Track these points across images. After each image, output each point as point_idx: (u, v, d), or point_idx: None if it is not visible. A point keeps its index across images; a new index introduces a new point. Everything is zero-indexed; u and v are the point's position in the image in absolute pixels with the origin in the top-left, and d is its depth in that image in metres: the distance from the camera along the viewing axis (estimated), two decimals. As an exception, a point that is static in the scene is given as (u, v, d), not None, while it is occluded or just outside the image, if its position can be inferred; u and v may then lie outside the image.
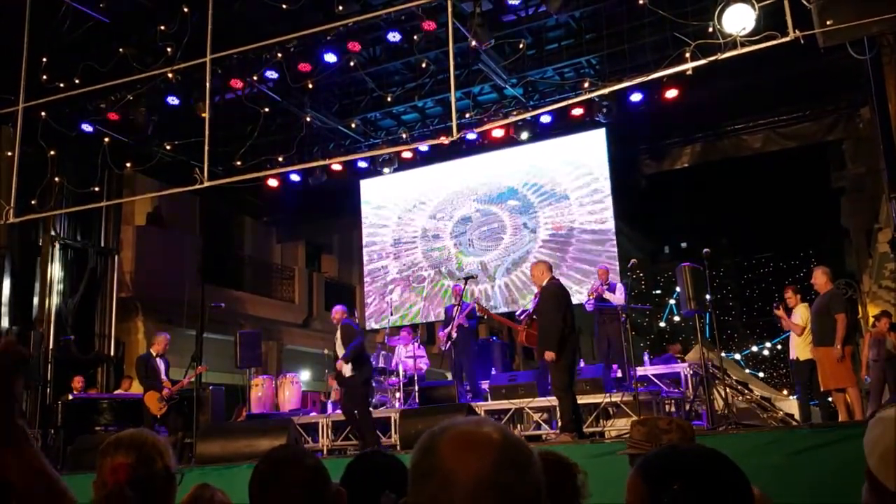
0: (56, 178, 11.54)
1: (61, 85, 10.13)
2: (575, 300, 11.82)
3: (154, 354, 10.08)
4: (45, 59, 10.07)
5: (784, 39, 6.75)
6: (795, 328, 9.16)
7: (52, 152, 11.13)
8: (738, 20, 7.25)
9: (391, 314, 13.07)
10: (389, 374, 11.41)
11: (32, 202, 10.37)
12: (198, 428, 9.32)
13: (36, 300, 12.57)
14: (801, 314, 9.24)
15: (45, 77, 10.06)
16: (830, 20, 7.17)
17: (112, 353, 13.20)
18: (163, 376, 9.91)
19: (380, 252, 14.78)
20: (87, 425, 10.13)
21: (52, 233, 12.67)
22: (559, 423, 7.95)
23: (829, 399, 9.44)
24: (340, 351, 9.28)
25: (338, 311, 9.83)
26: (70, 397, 10.89)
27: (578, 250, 13.00)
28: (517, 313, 10.22)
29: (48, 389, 11.91)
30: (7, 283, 12.45)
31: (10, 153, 10.36)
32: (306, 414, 11.41)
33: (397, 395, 10.89)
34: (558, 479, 2.80)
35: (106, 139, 11.63)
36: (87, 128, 11.72)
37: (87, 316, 13.23)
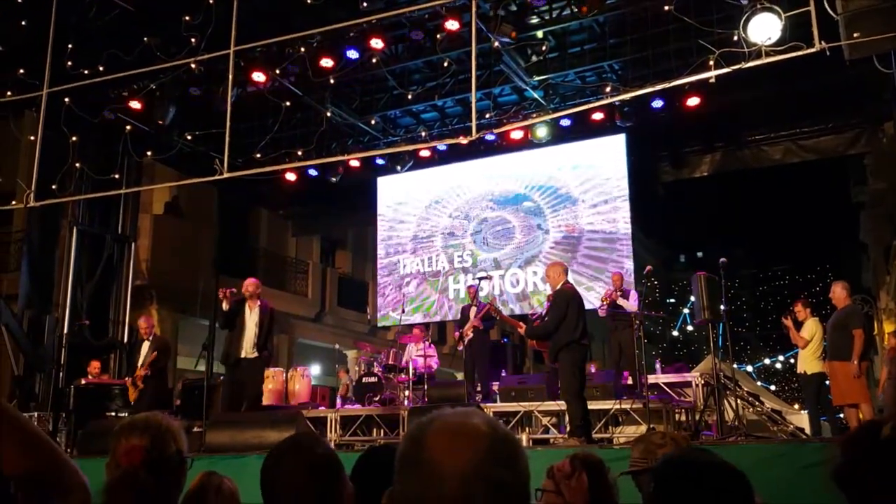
0: (77, 164, 11.63)
1: (85, 72, 10.21)
2: (586, 304, 11.84)
3: (140, 338, 10.14)
4: (70, 46, 10.16)
5: (810, 50, 6.71)
6: (799, 341, 9.13)
7: (73, 138, 11.21)
8: (764, 30, 7.23)
9: (404, 307, 13.07)
10: (399, 371, 11.43)
11: (53, 187, 10.46)
12: (208, 417, 9.36)
13: (53, 284, 12.68)
14: (809, 328, 9.20)
15: (69, 63, 10.15)
16: (857, 33, 7.13)
17: (125, 340, 13.26)
18: (139, 361, 9.86)
19: (395, 248, 14.81)
20: (98, 410, 10.19)
21: (71, 218, 12.76)
22: (567, 428, 7.93)
23: (840, 415, 9.38)
24: (253, 330, 9.00)
25: (256, 283, 9.36)
26: (83, 382, 10.97)
27: (592, 253, 12.97)
28: (531, 315, 10.20)
29: (61, 374, 12.00)
30: (25, 266, 12.56)
31: (32, 137, 10.45)
32: (315, 408, 11.46)
33: (406, 392, 10.91)
34: (598, 477, 2.87)
35: (127, 127, 11.71)
36: (108, 115, 11.79)
37: (102, 302, 13.31)
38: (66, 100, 10.49)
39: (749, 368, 25.95)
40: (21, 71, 10.32)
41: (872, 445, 1.21)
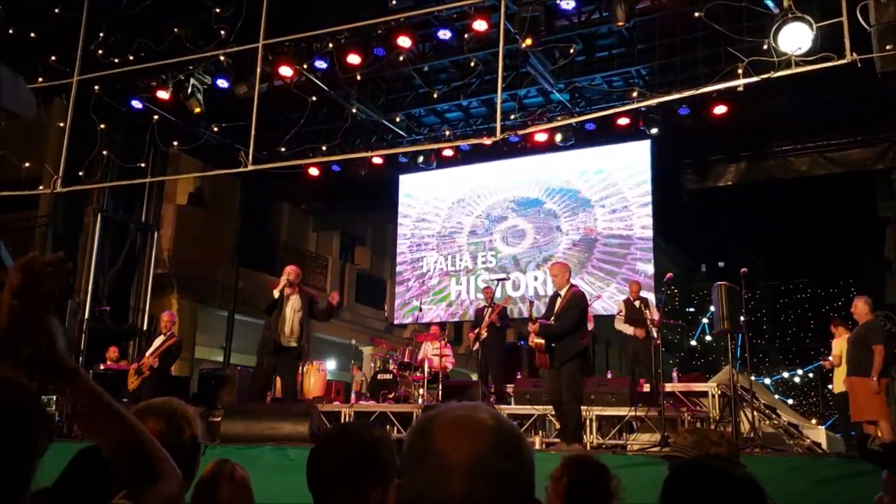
0: (104, 152, 11.75)
1: (116, 60, 10.32)
2: (602, 308, 11.81)
3: (158, 331, 10.28)
4: (101, 34, 10.27)
5: (840, 62, 6.65)
6: (835, 360, 9.19)
7: (101, 126, 11.32)
8: (795, 39, 7.16)
9: (422, 305, 13.07)
10: (414, 369, 11.44)
11: (79, 174, 10.57)
12: (223, 407, 9.43)
13: (75, 270, 12.81)
14: (837, 345, 9.20)
15: (100, 52, 10.26)
16: (890, 45, 7.04)
17: (145, 328, 13.39)
18: (148, 352, 9.93)
19: (416, 245, 14.85)
20: (115, 396, 10.24)
21: (96, 205, 12.89)
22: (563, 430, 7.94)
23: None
24: (292, 318, 8.94)
25: (297, 272, 9.38)
26: (102, 367, 11.08)
27: (610, 258, 12.93)
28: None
29: (80, 358, 12.12)
30: (49, 251, 12.71)
31: (61, 124, 10.57)
32: (330, 402, 11.49)
33: (421, 390, 10.91)
34: (594, 481, 2.85)
35: (155, 117, 11.81)
36: (137, 104, 11.89)
37: (124, 289, 13.45)
38: (96, 87, 10.61)
39: (767, 381, 25.72)
40: (53, 58, 10.45)
41: None
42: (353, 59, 10.73)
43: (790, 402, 25.00)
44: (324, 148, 12.05)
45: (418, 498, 1.10)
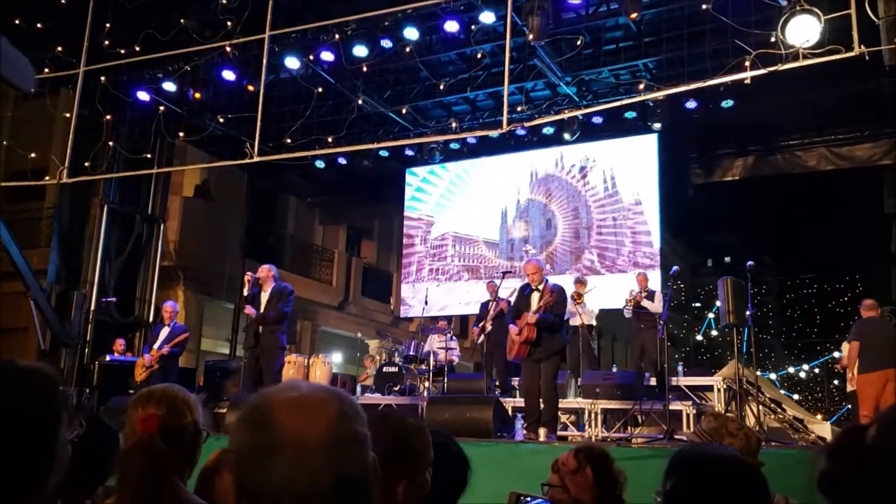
0: (110, 143, 11.76)
1: (122, 51, 10.31)
2: (611, 303, 11.79)
3: (161, 322, 10.30)
4: (107, 26, 10.26)
5: (848, 55, 6.60)
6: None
7: (108, 117, 11.32)
8: (803, 32, 7.12)
9: (429, 293, 13.09)
10: (420, 362, 11.44)
11: (86, 165, 10.59)
12: (228, 399, 9.46)
13: (82, 261, 12.85)
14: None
15: (106, 42, 10.25)
16: (899, 38, 7.00)
17: (151, 319, 13.42)
18: (156, 344, 9.99)
19: (423, 237, 14.84)
20: (121, 387, 10.32)
21: (102, 196, 12.91)
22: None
23: None
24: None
25: (268, 268, 9.44)
26: (107, 359, 11.12)
27: (618, 252, 12.91)
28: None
29: (86, 349, 12.17)
30: (55, 242, 12.74)
31: (67, 115, 10.58)
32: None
33: (426, 383, 10.92)
34: (604, 469, 2.84)
35: (161, 108, 11.81)
36: (143, 95, 11.89)
37: (130, 280, 13.48)
38: (102, 78, 10.60)
39: (773, 376, 25.66)
40: (59, 49, 10.44)
41: (857, 451, 1.18)
42: (360, 50, 10.70)
43: (795, 397, 24.95)
44: (330, 140, 12.03)
45: (283, 495, 1.03)
